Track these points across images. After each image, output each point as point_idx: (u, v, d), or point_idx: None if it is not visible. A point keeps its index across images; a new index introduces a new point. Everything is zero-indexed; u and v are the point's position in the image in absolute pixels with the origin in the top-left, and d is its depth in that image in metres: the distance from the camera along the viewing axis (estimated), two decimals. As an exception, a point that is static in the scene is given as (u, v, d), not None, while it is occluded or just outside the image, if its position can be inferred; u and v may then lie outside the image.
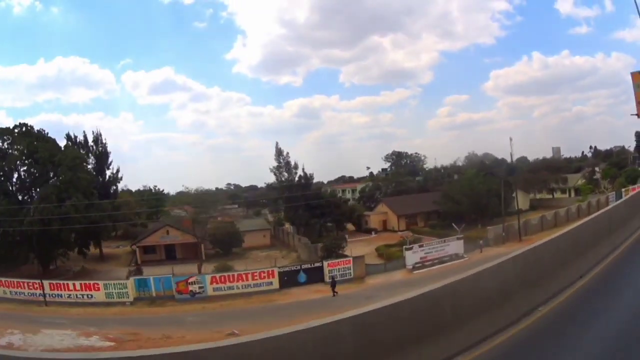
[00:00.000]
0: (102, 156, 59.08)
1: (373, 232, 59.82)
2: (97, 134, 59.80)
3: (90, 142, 58.92)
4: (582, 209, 53.11)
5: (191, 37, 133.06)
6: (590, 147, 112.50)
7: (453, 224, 45.82)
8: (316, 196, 59.08)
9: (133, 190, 75.55)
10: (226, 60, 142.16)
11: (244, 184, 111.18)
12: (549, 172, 74.70)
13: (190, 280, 35.86)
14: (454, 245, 41.76)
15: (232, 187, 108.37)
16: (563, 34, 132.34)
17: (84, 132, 60.05)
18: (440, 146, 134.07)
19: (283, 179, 60.91)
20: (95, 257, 50.73)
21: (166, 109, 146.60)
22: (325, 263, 37.98)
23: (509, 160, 73.79)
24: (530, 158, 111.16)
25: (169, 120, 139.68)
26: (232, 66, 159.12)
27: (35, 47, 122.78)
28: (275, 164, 60.61)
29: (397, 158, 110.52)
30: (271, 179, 66.63)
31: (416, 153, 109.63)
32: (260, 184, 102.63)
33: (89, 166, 55.60)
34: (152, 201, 66.86)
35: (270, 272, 36.57)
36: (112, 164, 59.79)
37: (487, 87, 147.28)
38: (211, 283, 35.65)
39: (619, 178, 71.00)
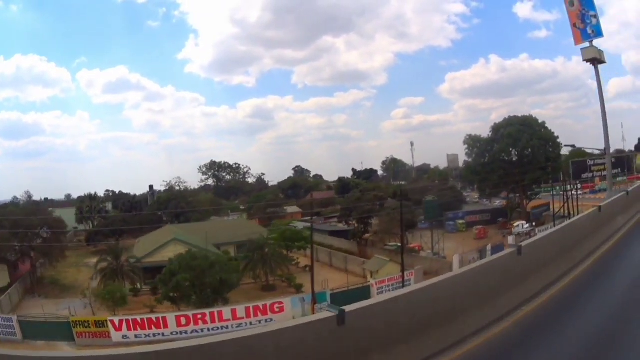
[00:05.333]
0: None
1: None
2: None
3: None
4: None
5: (145, 36, 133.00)
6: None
7: None
8: None
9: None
10: (179, 60, 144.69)
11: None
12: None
13: None
14: None
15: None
16: (522, 37, 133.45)
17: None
18: (397, 147, 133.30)
19: None
20: None
21: (121, 108, 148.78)
22: None
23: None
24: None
25: (125, 120, 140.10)
26: (185, 66, 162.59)
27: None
28: None
29: (216, 169, 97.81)
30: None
31: (236, 164, 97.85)
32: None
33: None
34: None
35: None
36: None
37: (442, 89, 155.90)
38: None
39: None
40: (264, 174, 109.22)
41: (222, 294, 30.65)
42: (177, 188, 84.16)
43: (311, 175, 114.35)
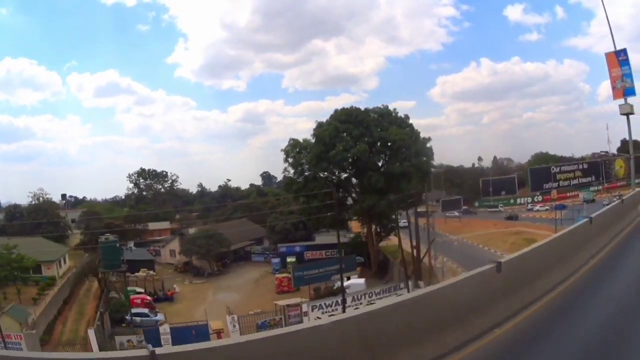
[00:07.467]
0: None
1: None
2: None
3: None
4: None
5: (134, 40, 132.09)
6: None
7: None
8: None
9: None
10: (169, 63, 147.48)
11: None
12: None
13: None
14: None
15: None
16: (513, 40, 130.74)
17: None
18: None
19: None
20: None
21: (112, 112, 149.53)
22: None
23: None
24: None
25: (116, 124, 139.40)
26: (175, 70, 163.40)
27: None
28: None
29: (146, 177, 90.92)
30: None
31: (163, 172, 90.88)
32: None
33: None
34: None
35: None
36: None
37: (434, 93, 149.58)
38: None
39: None
40: (230, 179, 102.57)
41: None
42: (40, 200, 78.13)
43: (276, 182, 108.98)
